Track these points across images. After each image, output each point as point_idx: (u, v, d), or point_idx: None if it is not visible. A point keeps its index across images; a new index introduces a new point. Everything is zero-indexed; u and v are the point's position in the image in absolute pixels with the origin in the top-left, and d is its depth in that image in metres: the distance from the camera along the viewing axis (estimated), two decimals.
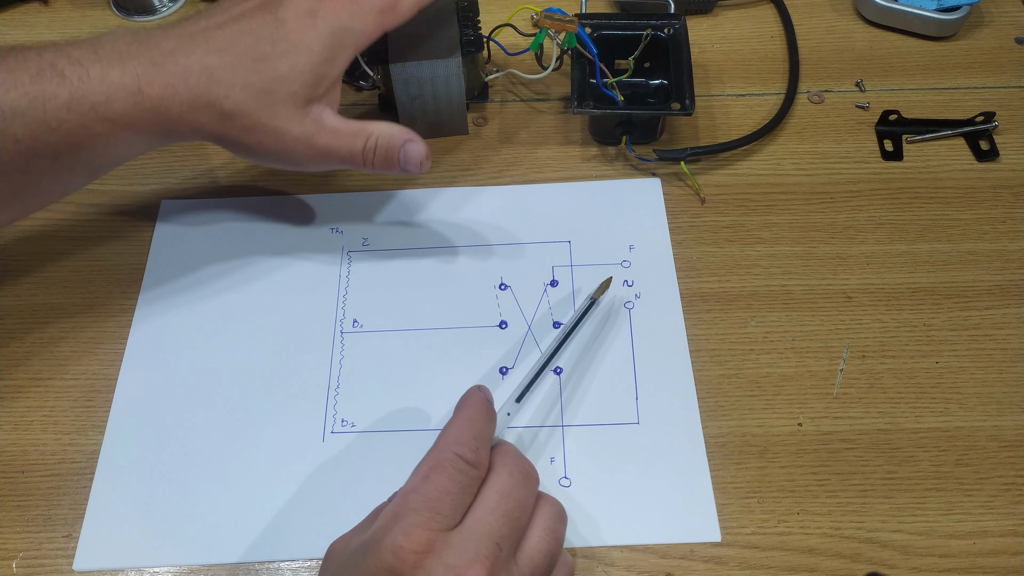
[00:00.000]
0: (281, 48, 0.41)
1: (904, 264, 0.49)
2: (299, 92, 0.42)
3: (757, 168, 0.54)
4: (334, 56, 0.43)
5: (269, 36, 0.42)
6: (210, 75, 0.41)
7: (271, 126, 0.42)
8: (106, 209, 0.53)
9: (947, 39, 0.60)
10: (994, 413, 0.44)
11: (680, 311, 0.48)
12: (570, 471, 0.43)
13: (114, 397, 0.45)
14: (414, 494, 0.33)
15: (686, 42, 0.53)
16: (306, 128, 0.42)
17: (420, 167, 0.44)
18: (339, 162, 0.44)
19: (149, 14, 0.64)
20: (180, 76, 0.40)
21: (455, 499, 0.33)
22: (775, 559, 0.40)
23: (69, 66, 0.39)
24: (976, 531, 0.41)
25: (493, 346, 0.47)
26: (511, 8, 0.56)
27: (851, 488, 0.42)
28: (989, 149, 0.54)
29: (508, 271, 0.50)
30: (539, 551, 0.34)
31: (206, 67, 0.41)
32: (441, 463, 0.34)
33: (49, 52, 0.39)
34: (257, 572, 0.40)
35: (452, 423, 0.36)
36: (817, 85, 0.58)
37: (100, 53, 0.40)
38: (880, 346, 0.46)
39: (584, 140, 0.56)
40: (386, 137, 0.44)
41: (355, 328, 0.48)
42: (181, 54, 0.41)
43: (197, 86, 0.40)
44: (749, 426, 0.44)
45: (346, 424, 0.44)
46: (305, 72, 0.42)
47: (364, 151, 0.43)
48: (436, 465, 0.34)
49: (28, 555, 0.41)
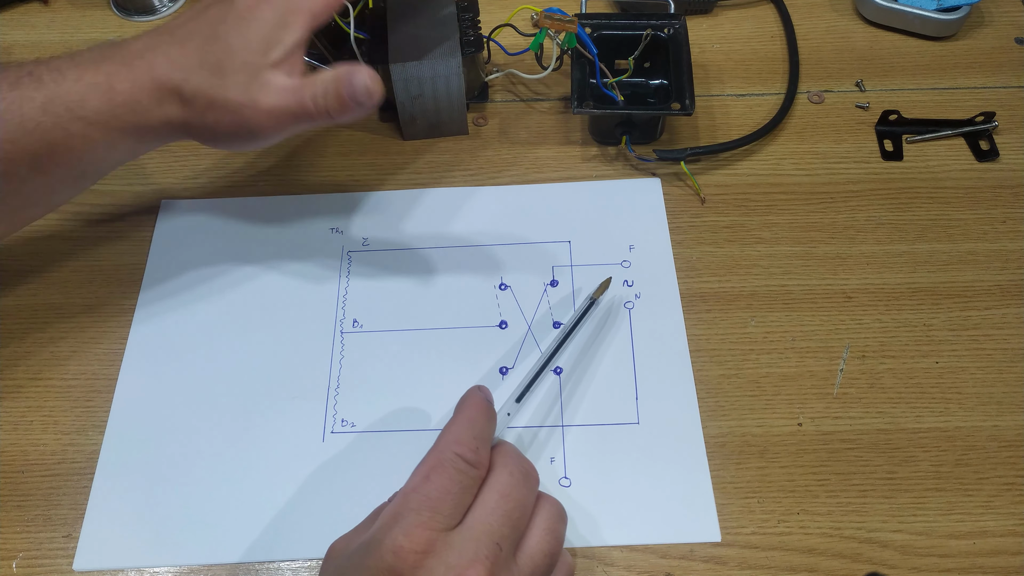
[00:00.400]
0: (232, 24, 0.42)
1: (904, 264, 0.49)
2: (250, 60, 0.41)
3: (757, 168, 0.54)
4: (287, 21, 0.42)
5: (223, 16, 0.42)
6: (172, 64, 0.41)
7: (223, 98, 0.41)
8: (106, 209, 0.53)
9: (947, 39, 0.60)
10: (994, 413, 0.44)
11: (680, 311, 0.48)
12: (570, 471, 0.43)
13: (114, 397, 0.45)
14: (414, 494, 0.33)
15: (686, 42, 0.53)
16: (255, 93, 0.41)
17: (369, 95, 0.42)
18: (293, 120, 0.43)
19: (149, 14, 0.64)
20: (146, 70, 0.41)
21: (455, 499, 0.33)
22: (775, 559, 0.40)
23: (47, 73, 0.40)
24: (976, 531, 0.41)
25: (493, 346, 0.47)
26: (511, 8, 0.56)
27: (851, 488, 0.42)
28: (989, 149, 0.54)
29: (508, 271, 0.50)
30: (539, 551, 0.34)
31: (169, 58, 0.42)
32: (441, 463, 0.34)
33: (31, 64, 0.41)
34: (257, 572, 0.40)
35: (452, 423, 0.36)
36: (817, 85, 0.58)
37: (77, 60, 0.41)
38: (880, 346, 0.46)
39: (584, 140, 0.56)
40: (330, 78, 0.42)
41: (355, 328, 0.48)
42: (149, 51, 0.42)
43: (161, 76, 0.41)
44: (749, 426, 0.44)
45: (346, 424, 0.44)
46: (254, 40, 0.41)
47: (313, 99, 0.42)
48: (436, 465, 0.34)
49: (28, 555, 0.41)
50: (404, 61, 0.51)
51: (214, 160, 0.55)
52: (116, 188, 0.54)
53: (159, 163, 0.55)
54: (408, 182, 0.54)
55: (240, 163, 0.55)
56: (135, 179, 0.54)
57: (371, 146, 0.56)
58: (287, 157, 0.55)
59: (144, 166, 0.55)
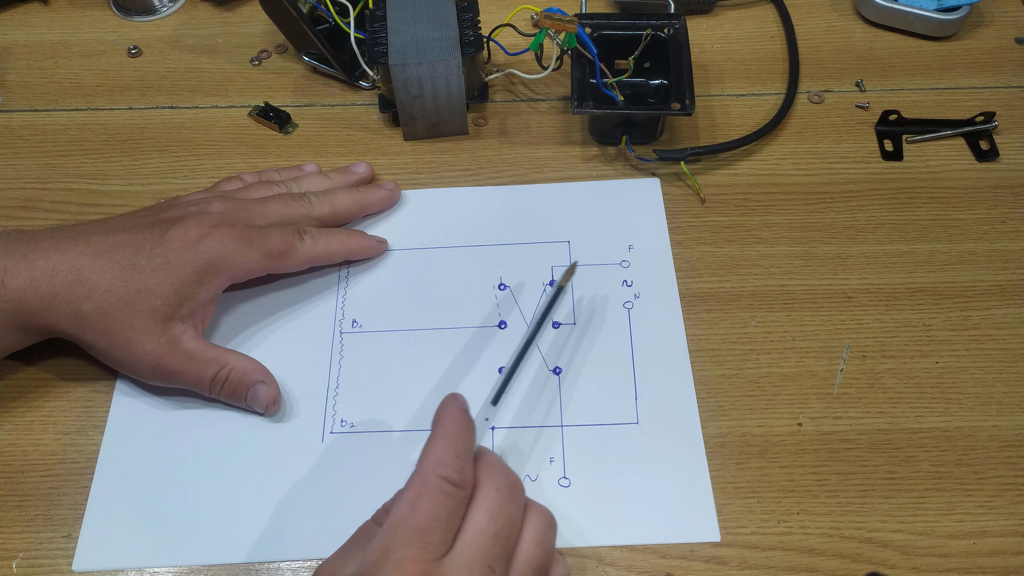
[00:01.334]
0: (155, 263, 0.42)
1: (904, 264, 0.49)
2: (159, 308, 0.42)
3: (757, 168, 0.54)
4: (205, 280, 0.43)
5: (148, 250, 0.42)
6: (76, 276, 0.41)
7: (125, 336, 0.42)
8: (106, 209, 0.53)
9: (947, 39, 0.60)
10: (994, 413, 0.44)
11: (679, 310, 0.48)
12: (569, 471, 0.43)
13: (113, 397, 0.45)
14: (403, 525, 0.32)
15: (686, 42, 0.53)
16: (159, 346, 0.42)
17: (266, 410, 0.44)
18: (184, 385, 0.44)
19: (149, 14, 0.64)
20: (46, 272, 0.41)
21: (444, 524, 0.32)
22: (775, 559, 0.40)
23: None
24: (976, 531, 0.41)
25: (493, 346, 0.47)
26: (511, 8, 0.56)
27: (851, 488, 0.42)
28: (989, 149, 0.54)
29: (507, 271, 0.50)
30: (529, 567, 0.34)
31: (75, 267, 0.41)
32: (427, 488, 0.33)
33: None
34: (257, 572, 0.40)
35: (432, 442, 0.34)
36: (817, 85, 0.58)
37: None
38: (880, 346, 0.46)
39: (584, 140, 0.56)
40: (238, 373, 0.43)
41: (354, 328, 0.48)
42: (55, 252, 0.42)
43: (60, 285, 0.41)
44: (749, 426, 0.44)
45: (345, 424, 0.44)
46: (170, 290, 0.42)
47: (213, 381, 0.43)
48: (422, 492, 0.32)
49: (28, 555, 0.41)
50: (404, 61, 0.51)
51: (214, 161, 0.55)
52: (116, 188, 0.54)
53: (159, 163, 0.55)
54: (408, 182, 0.54)
55: (240, 164, 0.55)
56: (135, 179, 0.54)
57: (371, 146, 0.56)
58: (287, 158, 0.55)
59: (144, 166, 0.55)
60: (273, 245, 0.45)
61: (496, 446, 0.43)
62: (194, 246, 0.43)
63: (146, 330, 0.42)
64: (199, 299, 0.43)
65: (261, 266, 0.45)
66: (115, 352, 0.42)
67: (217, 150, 0.56)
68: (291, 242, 0.46)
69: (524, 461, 0.43)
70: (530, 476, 0.42)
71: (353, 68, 0.58)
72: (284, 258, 0.46)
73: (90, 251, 0.42)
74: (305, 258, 0.47)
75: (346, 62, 0.57)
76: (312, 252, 0.47)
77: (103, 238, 0.43)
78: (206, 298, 0.44)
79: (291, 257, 0.46)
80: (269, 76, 0.60)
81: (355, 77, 0.58)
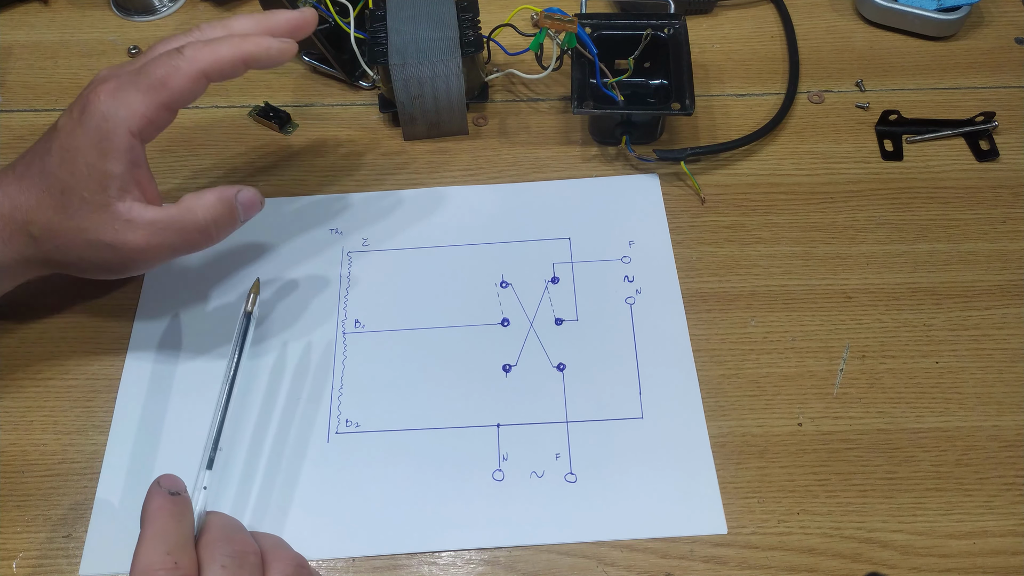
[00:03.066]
0: (57, 156, 0.40)
1: (904, 264, 0.49)
2: (90, 199, 0.39)
3: (757, 168, 0.54)
4: (106, 150, 0.39)
5: (48, 148, 0.40)
6: (12, 201, 0.40)
7: (82, 240, 0.40)
8: None
9: (947, 39, 0.60)
10: (994, 413, 0.44)
11: (681, 303, 0.48)
12: (575, 466, 0.43)
13: (117, 399, 0.45)
14: None
15: (686, 42, 0.53)
16: (117, 233, 0.40)
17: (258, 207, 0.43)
18: (172, 253, 0.42)
19: (149, 14, 0.64)
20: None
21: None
22: (775, 559, 0.40)
23: None
24: (976, 531, 0.41)
25: (495, 344, 0.47)
26: (511, 8, 0.56)
27: (851, 488, 0.42)
28: (989, 149, 0.54)
29: (509, 269, 0.50)
30: None
31: (9, 196, 0.40)
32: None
33: None
34: None
35: (140, 545, 0.33)
36: (817, 85, 0.58)
37: None
38: (880, 346, 0.46)
39: (584, 140, 0.56)
40: (215, 201, 0.42)
41: (357, 328, 0.48)
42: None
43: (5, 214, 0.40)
44: (749, 426, 0.44)
45: (351, 424, 0.44)
46: (85, 177, 0.39)
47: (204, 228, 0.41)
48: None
49: (28, 555, 0.41)
50: (404, 61, 0.51)
51: (214, 160, 0.55)
52: None
53: (159, 163, 0.55)
54: (408, 182, 0.54)
55: (240, 164, 0.55)
56: None
57: (371, 146, 0.56)
58: (287, 158, 0.55)
59: None
60: (151, 76, 0.40)
61: (501, 444, 0.43)
62: (79, 122, 0.40)
63: (97, 226, 0.40)
64: (117, 172, 0.40)
65: (147, 104, 0.40)
66: (90, 259, 0.41)
67: (217, 150, 0.56)
68: (169, 63, 0.40)
69: (530, 457, 0.43)
70: (536, 472, 0.42)
71: (353, 68, 0.58)
72: (168, 83, 0.40)
73: (16, 175, 0.41)
74: (191, 75, 0.40)
75: (346, 62, 0.57)
76: (197, 65, 0.40)
77: (23, 159, 0.41)
78: (120, 169, 0.40)
79: (174, 79, 0.40)
80: (269, 76, 0.60)
81: (355, 77, 0.58)
